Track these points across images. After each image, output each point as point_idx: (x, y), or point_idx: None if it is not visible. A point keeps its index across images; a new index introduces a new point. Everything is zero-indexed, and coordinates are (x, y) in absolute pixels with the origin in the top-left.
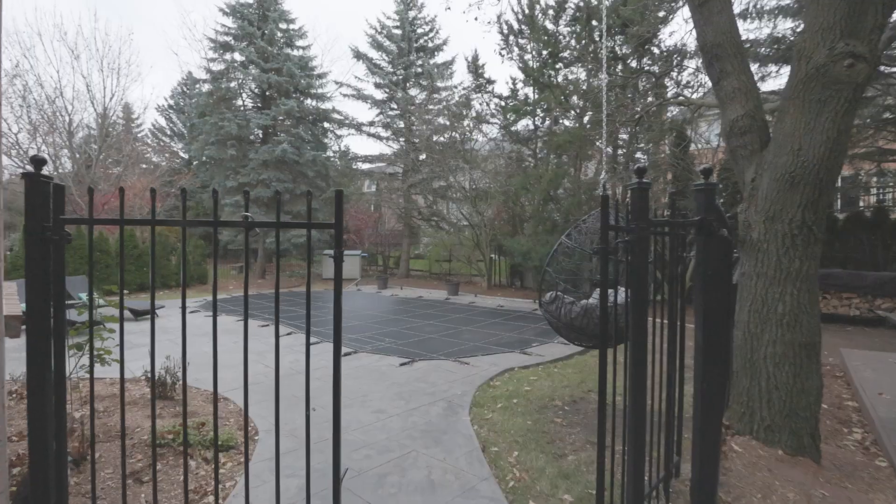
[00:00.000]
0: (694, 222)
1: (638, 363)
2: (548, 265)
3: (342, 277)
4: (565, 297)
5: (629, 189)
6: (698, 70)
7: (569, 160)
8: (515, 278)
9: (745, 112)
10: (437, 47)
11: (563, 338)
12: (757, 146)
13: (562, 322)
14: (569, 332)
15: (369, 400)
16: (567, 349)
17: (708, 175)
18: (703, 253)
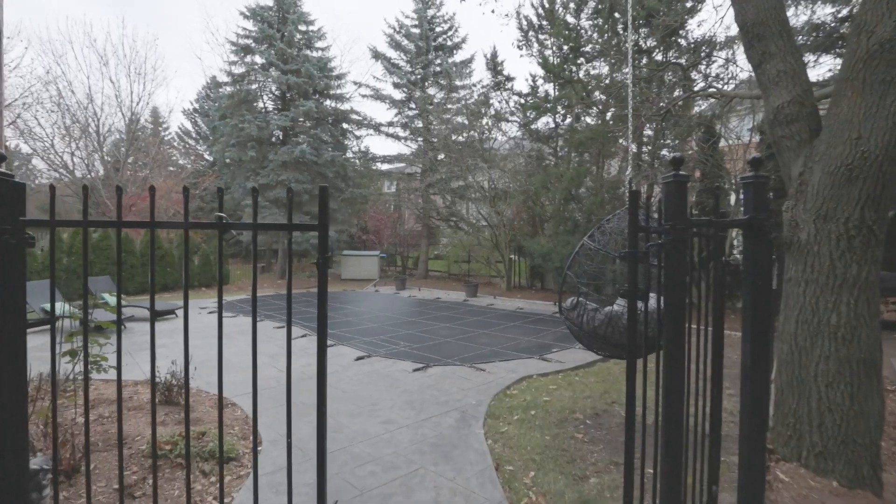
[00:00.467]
0: (741, 222)
1: (673, 376)
2: (568, 268)
3: (327, 283)
4: (587, 304)
5: (663, 182)
6: (729, 61)
7: (591, 158)
8: (535, 280)
9: (791, 98)
10: (456, 45)
11: (584, 346)
12: (806, 136)
13: (584, 330)
14: (591, 340)
15: (379, 409)
16: (588, 356)
17: (758, 166)
18: (752, 258)
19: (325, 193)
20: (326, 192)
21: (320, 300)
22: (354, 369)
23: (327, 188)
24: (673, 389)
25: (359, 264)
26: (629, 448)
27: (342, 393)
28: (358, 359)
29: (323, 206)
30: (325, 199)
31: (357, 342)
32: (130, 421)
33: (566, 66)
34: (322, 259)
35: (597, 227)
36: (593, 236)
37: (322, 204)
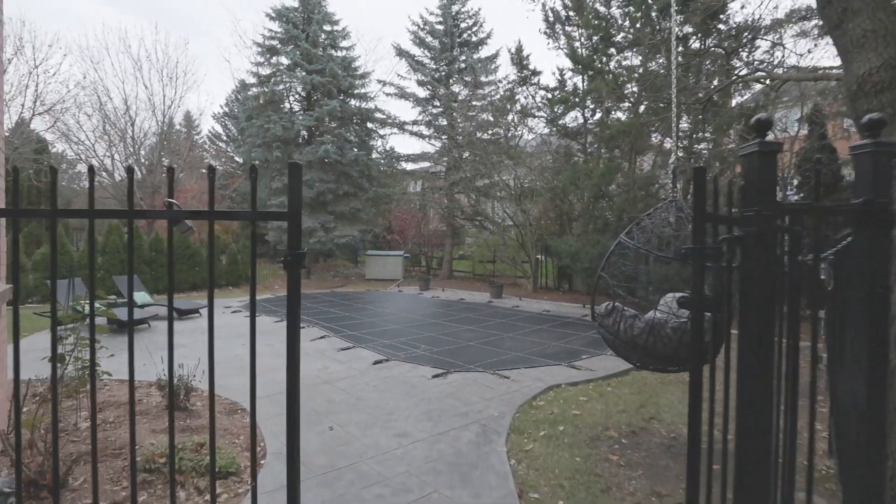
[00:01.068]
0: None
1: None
2: (602, 270)
3: (300, 282)
4: (625, 310)
5: (743, 154)
6: (776, 45)
7: (621, 154)
8: (563, 281)
9: (882, 62)
10: (481, 41)
11: (621, 357)
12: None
13: (620, 339)
14: (629, 351)
15: (394, 419)
16: (621, 364)
17: (878, 128)
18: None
19: (297, 172)
20: (299, 171)
21: (290, 308)
22: (371, 374)
23: (300, 165)
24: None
25: (383, 264)
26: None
27: (356, 400)
28: (376, 363)
29: (294, 191)
30: (296, 180)
31: (376, 345)
32: None
33: (596, 58)
34: (293, 256)
35: (635, 223)
36: (631, 233)
37: (293, 187)
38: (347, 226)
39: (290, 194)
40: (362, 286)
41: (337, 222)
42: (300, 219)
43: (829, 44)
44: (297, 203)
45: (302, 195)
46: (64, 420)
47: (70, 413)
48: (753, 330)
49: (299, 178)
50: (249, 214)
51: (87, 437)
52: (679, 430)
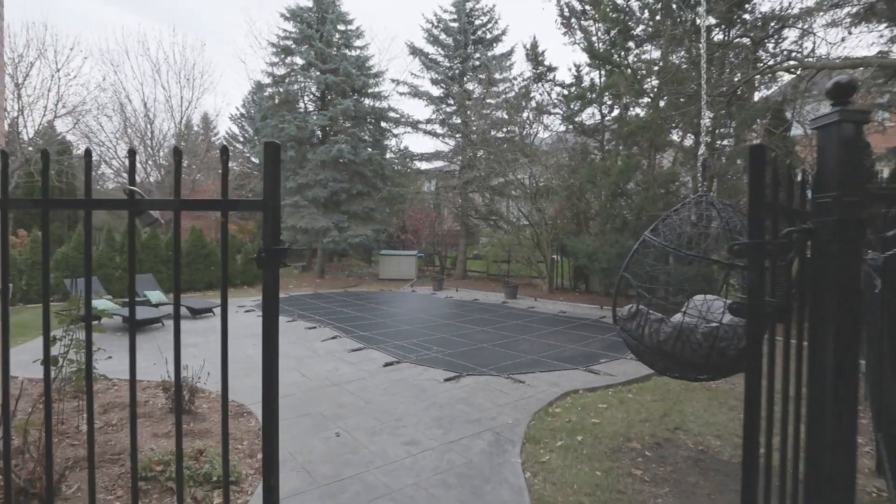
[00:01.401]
0: None
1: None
2: (625, 269)
3: (278, 284)
4: (650, 313)
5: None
6: (806, 32)
7: (640, 151)
8: (579, 281)
9: None
10: (496, 38)
11: (645, 364)
12: None
13: (645, 345)
14: (655, 357)
15: (402, 426)
16: (642, 368)
17: None
18: None
19: (274, 153)
20: (277, 151)
21: (267, 319)
22: (382, 377)
23: (278, 145)
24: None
25: (396, 264)
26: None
27: (365, 404)
28: (386, 364)
29: (271, 175)
30: (274, 162)
31: (388, 346)
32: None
33: (614, 52)
34: (268, 253)
35: (661, 219)
36: (657, 230)
37: (270, 171)
38: (361, 225)
39: (266, 179)
40: (376, 286)
41: (350, 222)
42: (279, 209)
43: (865, 32)
44: (274, 190)
45: (280, 181)
46: (66, 422)
47: (73, 415)
48: (830, 347)
49: (277, 161)
50: (220, 204)
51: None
52: (708, 442)
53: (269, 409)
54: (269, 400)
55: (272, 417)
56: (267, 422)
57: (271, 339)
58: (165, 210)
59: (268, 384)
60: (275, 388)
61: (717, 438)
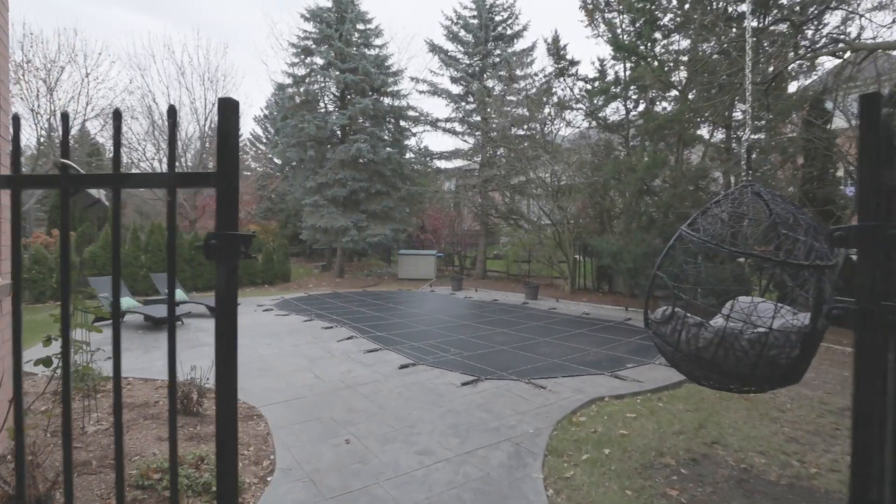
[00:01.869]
0: None
1: None
2: (658, 268)
3: (236, 282)
4: (688, 316)
5: None
6: (851, 14)
7: (667, 146)
8: (602, 282)
9: None
10: (517, 34)
11: (681, 373)
12: None
13: (681, 352)
14: (692, 366)
15: (416, 433)
16: (672, 374)
17: None
18: None
19: (230, 111)
20: (235, 110)
21: (222, 325)
22: (397, 380)
23: (235, 102)
24: None
25: (415, 264)
26: None
27: (378, 409)
28: (402, 367)
29: (227, 140)
30: (230, 123)
31: (404, 347)
32: (140, 433)
33: (640, 43)
34: (221, 241)
35: (700, 212)
36: (695, 224)
37: (226, 134)
38: (380, 225)
39: (221, 145)
40: (394, 286)
41: (369, 221)
42: (236, 182)
43: None
44: (230, 159)
45: (238, 151)
46: (72, 423)
47: (80, 416)
48: None
49: (236, 123)
50: (166, 178)
51: (91, 444)
52: (751, 459)
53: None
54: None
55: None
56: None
57: (227, 354)
58: (103, 187)
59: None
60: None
61: (761, 455)
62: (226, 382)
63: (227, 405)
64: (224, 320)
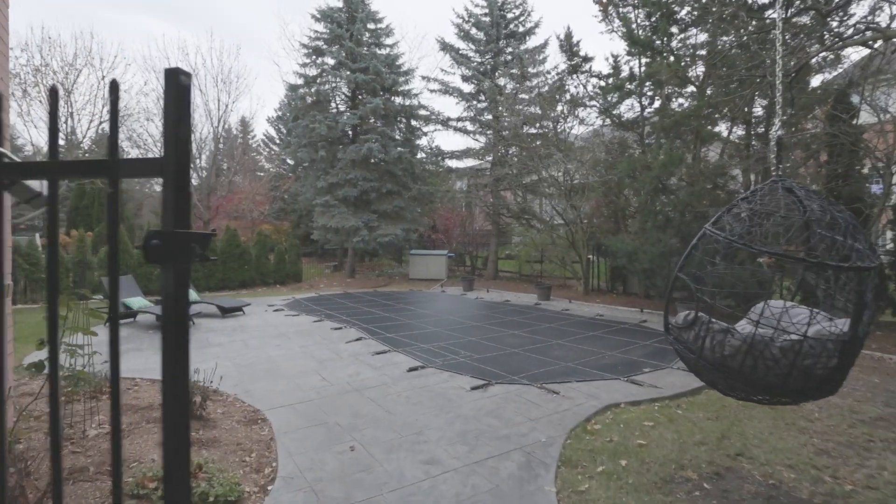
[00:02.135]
0: None
1: None
2: (680, 269)
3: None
4: (713, 322)
5: None
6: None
7: (683, 144)
8: (617, 282)
9: None
10: (529, 31)
11: (704, 382)
12: None
13: (705, 360)
14: (716, 374)
15: (423, 440)
16: (690, 380)
17: None
18: None
19: (179, 85)
20: (186, 88)
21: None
22: (405, 383)
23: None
24: None
25: (426, 264)
26: None
27: (385, 414)
28: (411, 370)
29: (176, 120)
30: (179, 100)
31: (414, 349)
32: (141, 437)
33: (655, 38)
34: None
35: (725, 209)
36: (720, 222)
37: (174, 113)
38: (390, 225)
39: (168, 126)
40: (405, 286)
41: (380, 221)
42: (187, 171)
43: None
44: (181, 144)
45: (191, 133)
46: (74, 426)
47: (83, 418)
48: None
49: (185, 100)
50: (107, 167)
51: (90, 448)
52: (779, 473)
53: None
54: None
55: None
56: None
57: (176, 370)
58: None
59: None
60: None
61: (790, 469)
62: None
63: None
64: (172, 340)
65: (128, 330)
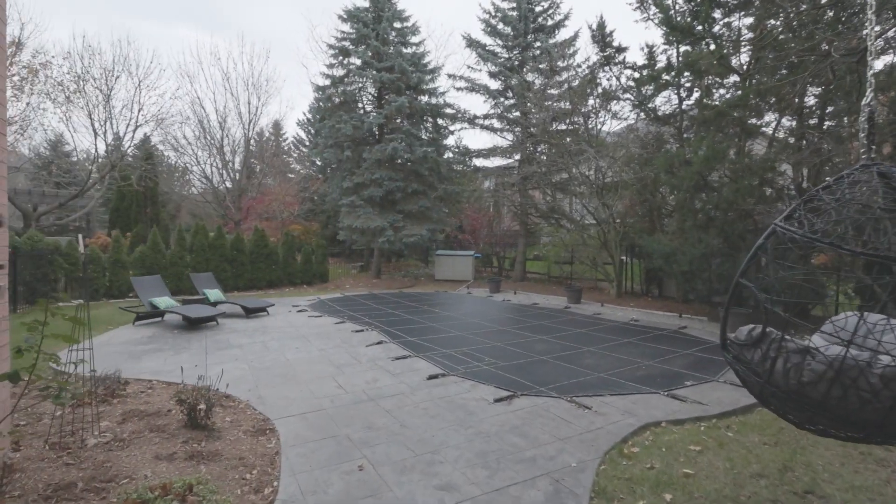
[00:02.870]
0: None
1: None
2: (742, 275)
3: None
4: (788, 339)
5: None
6: None
7: (724, 137)
8: (651, 285)
9: None
10: (558, 24)
11: (773, 412)
12: None
13: (776, 386)
14: (790, 405)
15: (439, 461)
16: (739, 395)
17: None
18: None
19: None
20: None
21: None
22: (423, 392)
23: None
24: None
25: (452, 265)
26: None
27: (400, 427)
28: (431, 377)
29: None
30: None
31: (435, 355)
32: (139, 449)
33: (696, 23)
34: None
35: (801, 202)
36: (796, 217)
37: None
38: (416, 225)
39: None
40: (431, 287)
41: (405, 221)
42: None
43: None
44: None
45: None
46: (75, 433)
47: (89, 424)
48: None
49: None
50: None
51: (85, 460)
52: None
53: None
54: None
55: None
56: None
57: None
58: None
59: None
60: None
61: None
62: None
63: None
64: None
65: (154, 329)
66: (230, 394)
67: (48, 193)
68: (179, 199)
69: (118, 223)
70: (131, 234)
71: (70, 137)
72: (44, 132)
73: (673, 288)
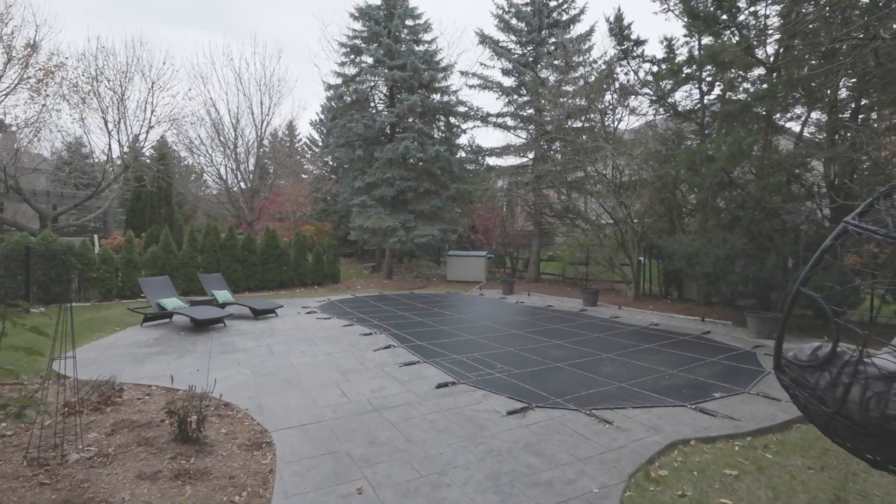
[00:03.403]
0: None
1: None
2: (804, 282)
3: None
4: (867, 361)
5: None
6: None
7: (748, 133)
8: (671, 287)
9: None
10: (573, 18)
11: (843, 446)
12: None
13: (849, 418)
14: (868, 442)
15: (445, 484)
16: (776, 409)
17: None
18: None
19: None
20: None
21: None
22: (431, 403)
23: None
24: None
25: (464, 265)
26: None
27: (405, 443)
28: (440, 386)
29: None
30: None
31: (445, 360)
32: (122, 466)
33: (720, 13)
34: None
35: (877, 196)
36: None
37: None
38: (428, 225)
39: None
40: (443, 288)
41: (417, 221)
42: None
43: None
44: None
45: None
46: (56, 447)
47: (74, 437)
48: None
49: None
50: None
51: (62, 478)
52: None
53: None
54: None
55: None
56: None
57: None
58: None
59: None
60: None
61: None
62: None
63: None
64: None
65: (161, 331)
66: (229, 402)
67: (66, 195)
68: (195, 200)
69: (134, 224)
70: (145, 234)
71: (86, 139)
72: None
73: (693, 290)
